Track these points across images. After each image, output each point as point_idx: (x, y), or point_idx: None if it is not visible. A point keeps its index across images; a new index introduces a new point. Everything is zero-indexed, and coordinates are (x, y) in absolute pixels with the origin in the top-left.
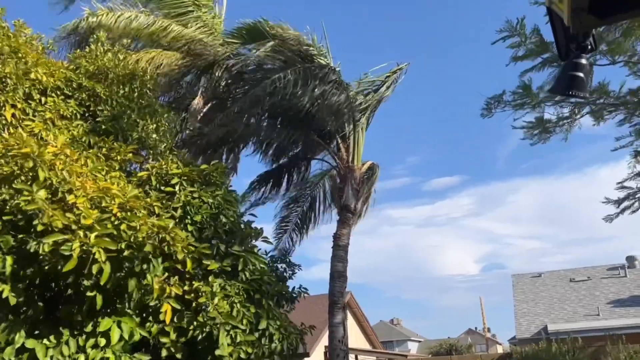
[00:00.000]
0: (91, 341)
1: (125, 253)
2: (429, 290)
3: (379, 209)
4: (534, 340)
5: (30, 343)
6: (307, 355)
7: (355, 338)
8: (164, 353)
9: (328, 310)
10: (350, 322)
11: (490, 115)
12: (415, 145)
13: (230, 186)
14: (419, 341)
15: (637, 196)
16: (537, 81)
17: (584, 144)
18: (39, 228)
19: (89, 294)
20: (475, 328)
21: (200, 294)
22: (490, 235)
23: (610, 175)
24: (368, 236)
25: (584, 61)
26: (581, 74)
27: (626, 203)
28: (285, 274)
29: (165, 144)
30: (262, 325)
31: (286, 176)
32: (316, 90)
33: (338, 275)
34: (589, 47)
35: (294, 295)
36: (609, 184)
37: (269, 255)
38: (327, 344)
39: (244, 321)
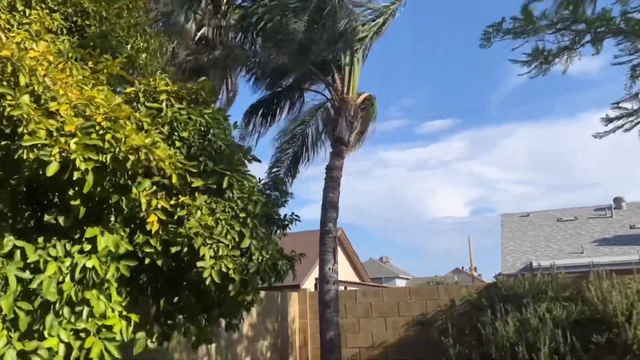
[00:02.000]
0: (77, 247)
1: (110, 166)
2: (419, 232)
3: (373, 151)
4: (518, 275)
5: (19, 243)
6: (298, 287)
7: (346, 273)
8: (146, 261)
9: (319, 240)
10: (341, 258)
11: (489, 45)
12: (410, 87)
13: (223, 111)
14: (407, 279)
15: (631, 117)
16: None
17: (578, 89)
18: (26, 138)
19: (73, 202)
20: (462, 267)
21: (186, 207)
22: (481, 179)
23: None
24: (360, 178)
25: None
26: None
27: (620, 122)
28: (277, 201)
29: (154, 64)
30: (245, 243)
31: (279, 106)
32: (315, 18)
33: (330, 206)
34: None
35: (286, 222)
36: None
37: (261, 182)
38: (317, 277)
39: (228, 237)
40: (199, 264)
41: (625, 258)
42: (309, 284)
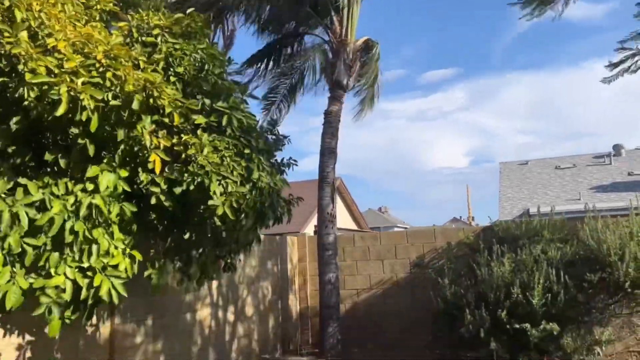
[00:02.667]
0: (79, 186)
1: (112, 103)
2: (418, 182)
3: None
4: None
5: (22, 180)
6: (298, 233)
7: (345, 222)
8: (152, 201)
9: (318, 185)
10: (340, 207)
11: None
12: (410, 35)
13: (216, 44)
14: (405, 228)
15: (635, 58)
16: None
17: (580, 37)
18: (28, 76)
19: (80, 141)
20: (460, 217)
21: (189, 146)
22: (481, 129)
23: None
24: (360, 129)
25: None
26: None
27: (626, 64)
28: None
29: (148, 2)
30: (255, 176)
31: (279, 53)
32: None
33: (328, 152)
34: None
35: (283, 167)
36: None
37: (258, 126)
38: (316, 224)
39: (235, 173)
40: (211, 202)
41: (622, 204)
42: (309, 229)
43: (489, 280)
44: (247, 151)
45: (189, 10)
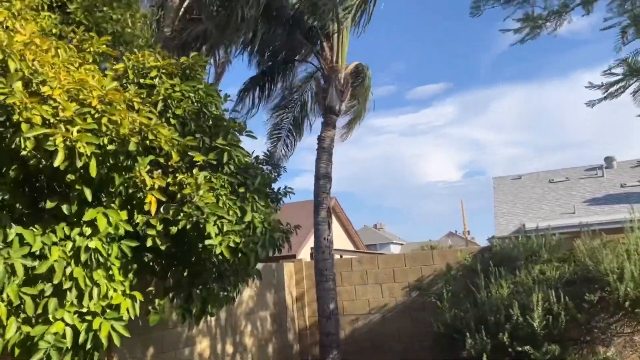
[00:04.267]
0: (77, 230)
1: (109, 147)
2: (412, 197)
3: (365, 118)
4: (512, 237)
5: (18, 229)
6: (294, 256)
7: (340, 241)
8: (148, 243)
9: (313, 211)
10: (336, 227)
11: (479, 13)
12: (399, 52)
13: (216, 85)
14: (401, 244)
15: (621, 82)
16: None
17: (568, 48)
18: (23, 127)
19: (77, 186)
20: (456, 231)
21: (184, 185)
22: (472, 142)
23: (594, 79)
24: (352, 146)
25: None
26: None
27: (612, 89)
28: (270, 175)
29: (142, 39)
30: (247, 217)
31: (272, 81)
32: None
33: (323, 177)
34: None
35: (280, 195)
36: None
37: (253, 156)
38: (313, 246)
39: (230, 212)
40: (208, 241)
41: (616, 217)
42: (305, 252)
43: (489, 302)
44: (242, 190)
45: (192, 54)
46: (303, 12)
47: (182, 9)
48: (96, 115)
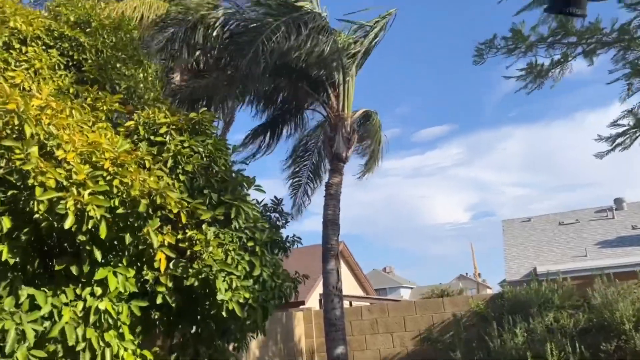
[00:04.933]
0: (87, 290)
1: (120, 210)
2: (420, 239)
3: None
4: (523, 282)
5: (30, 291)
6: (302, 303)
7: (349, 286)
8: (158, 300)
9: (322, 258)
10: (344, 271)
11: (482, 61)
12: (403, 95)
13: (225, 140)
14: (412, 288)
15: (628, 133)
16: (530, 22)
17: (573, 89)
18: (37, 190)
19: (87, 247)
20: (466, 274)
21: (194, 242)
22: (479, 184)
23: (599, 119)
24: (359, 188)
25: None
26: None
27: (619, 140)
28: (278, 222)
29: (152, 94)
30: (256, 272)
31: (279, 129)
32: (304, 38)
33: (331, 224)
34: None
35: (288, 244)
36: (597, 128)
37: (261, 204)
38: (321, 292)
39: (239, 267)
40: (219, 297)
41: (629, 260)
42: (314, 299)
43: (502, 352)
44: (250, 244)
45: (201, 110)
46: (309, 65)
47: (190, 64)
48: (108, 178)
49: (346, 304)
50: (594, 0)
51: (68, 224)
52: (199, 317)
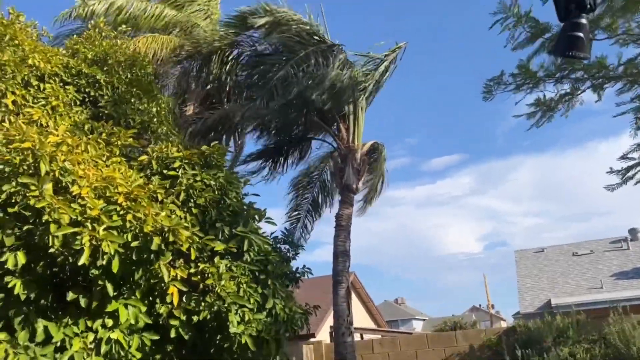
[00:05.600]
0: (99, 321)
1: (133, 244)
2: (432, 269)
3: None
4: (537, 314)
5: (42, 322)
6: (313, 335)
7: (360, 318)
8: (172, 334)
9: (332, 290)
10: (355, 303)
11: (491, 97)
12: (414, 125)
13: (236, 173)
14: (424, 319)
15: (639, 167)
16: (538, 58)
17: (583, 118)
18: (52, 227)
19: (99, 282)
20: (479, 305)
21: (206, 275)
22: (491, 213)
23: (610, 149)
24: (369, 218)
25: (583, 21)
26: (581, 34)
27: (630, 173)
28: (288, 254)
29: (165, 128)
30: (269, 304)
31: (286, 156)
32: (321, 71)
33: (341, 255)
34: (589, 6)
35: (298, 275)
36: (609, 157)
37: (272, 235)
38: (332, 324)
39: (251, 300)
40: (232, 329)
41: None
42: (324, 331)
43: None
44: (262, 277)
45: (213, 144)
46: (322, 99)
47: (202, 97)
48: (121, 212)
49: (357, 336)
50: (598, 40)
51: (83, 259)
52: (212, 350)
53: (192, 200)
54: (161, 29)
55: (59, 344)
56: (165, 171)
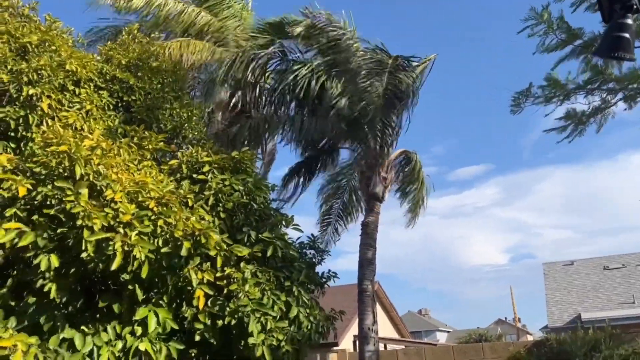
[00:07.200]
0: (128, 329)
1: (163, 250)
2: (457, 281)
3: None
4: (566, 328)
5: (68, 333)
6: (336, 344)
7: (384, 327)
8: (197, 338)
9: (357, 298)
10: (379, 312)
11: (519, 110)
12: (440, 135)
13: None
14: (448, 331)
15: None
16: (568, 68)
17: (615, 130)
18: (85, 233)
19: (129, 287)
20: (505, 318)
21: (232, 280)
22: (517, 225)
23: None
24: (394, 227)
25: (629, 21)
26: (627, 35)
27: None
28: (314, 259)
29: (196, 133)
30: (293, 312)
31: (316, 167)
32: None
33: (367, 263)
34: (634, 7)
35: (324, 280)
36: None
37: (298, 240)
38: (355, 333)
39: (275, 307)
40: (250, 340)
41: None
42: (347, 340)
43: None
44: (287, 283)
45: (243, 149)
46: (350, 108)
47: (232, 104)
48: (153, 217)
49: (381, 346)
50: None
51: (115, 265)
52: (235, 357)
53: (220, 205)
54: (194, 34)
55: (86, 353)
56: (194, 175)
